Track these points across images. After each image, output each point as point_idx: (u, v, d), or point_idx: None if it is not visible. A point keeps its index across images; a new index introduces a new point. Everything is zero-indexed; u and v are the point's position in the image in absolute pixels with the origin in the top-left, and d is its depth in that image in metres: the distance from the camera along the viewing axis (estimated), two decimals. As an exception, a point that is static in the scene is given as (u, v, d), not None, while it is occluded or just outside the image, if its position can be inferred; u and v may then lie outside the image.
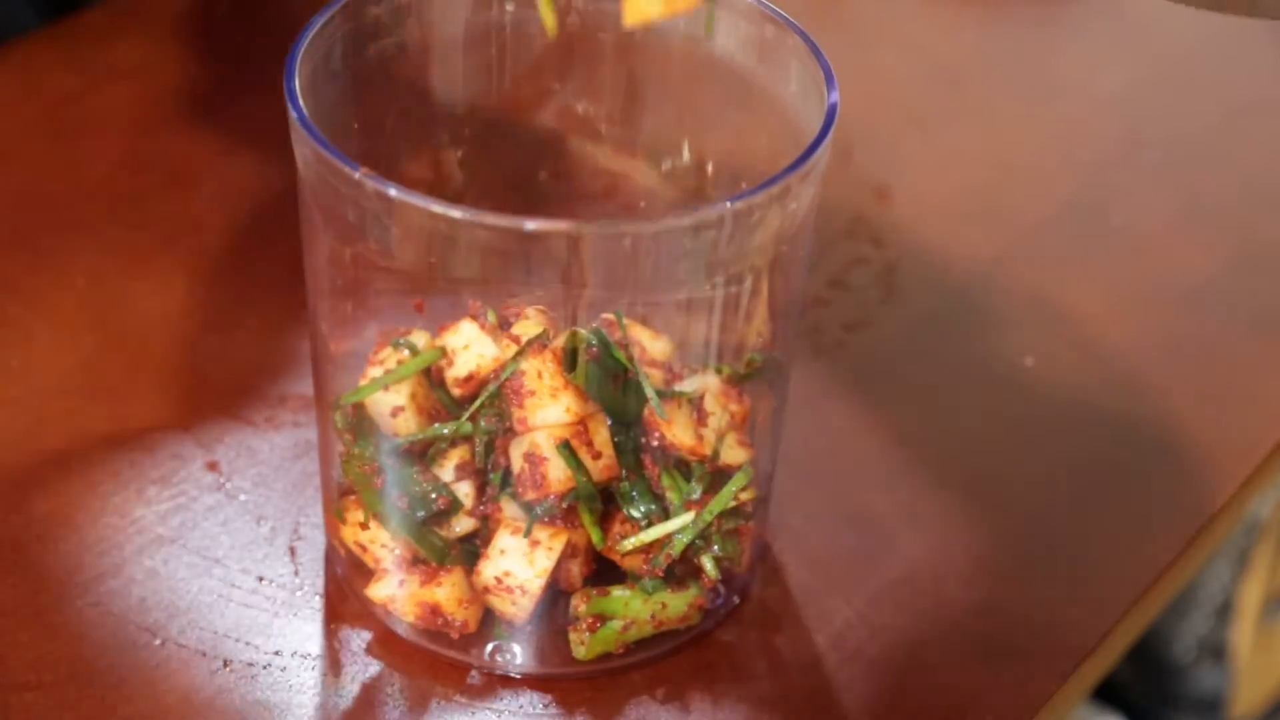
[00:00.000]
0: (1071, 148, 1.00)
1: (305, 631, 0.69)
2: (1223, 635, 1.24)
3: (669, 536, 0.66)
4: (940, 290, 0.89)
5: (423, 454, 0.67)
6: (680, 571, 0.68)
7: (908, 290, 0.89)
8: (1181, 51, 1.10)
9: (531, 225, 0.59)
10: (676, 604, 0.68)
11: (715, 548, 0.68)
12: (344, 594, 0.71)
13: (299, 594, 0.71)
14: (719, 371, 0.69)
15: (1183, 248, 0.93)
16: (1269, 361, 0.87)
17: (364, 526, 0.68)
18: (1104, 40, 1.10)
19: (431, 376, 0.68)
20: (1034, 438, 0.81)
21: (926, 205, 0.95)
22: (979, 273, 0.90)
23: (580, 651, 0.67)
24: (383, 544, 0.68)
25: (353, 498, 0.69)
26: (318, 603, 0.71)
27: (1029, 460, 0.80)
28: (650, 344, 0.70)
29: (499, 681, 0.68)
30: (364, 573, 0.69)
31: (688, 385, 0.69)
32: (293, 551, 0.72)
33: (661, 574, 0.67)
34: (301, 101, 0.62)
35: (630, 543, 0.66)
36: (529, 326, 0.68)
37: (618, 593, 0.67)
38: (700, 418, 0.67)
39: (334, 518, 0.70)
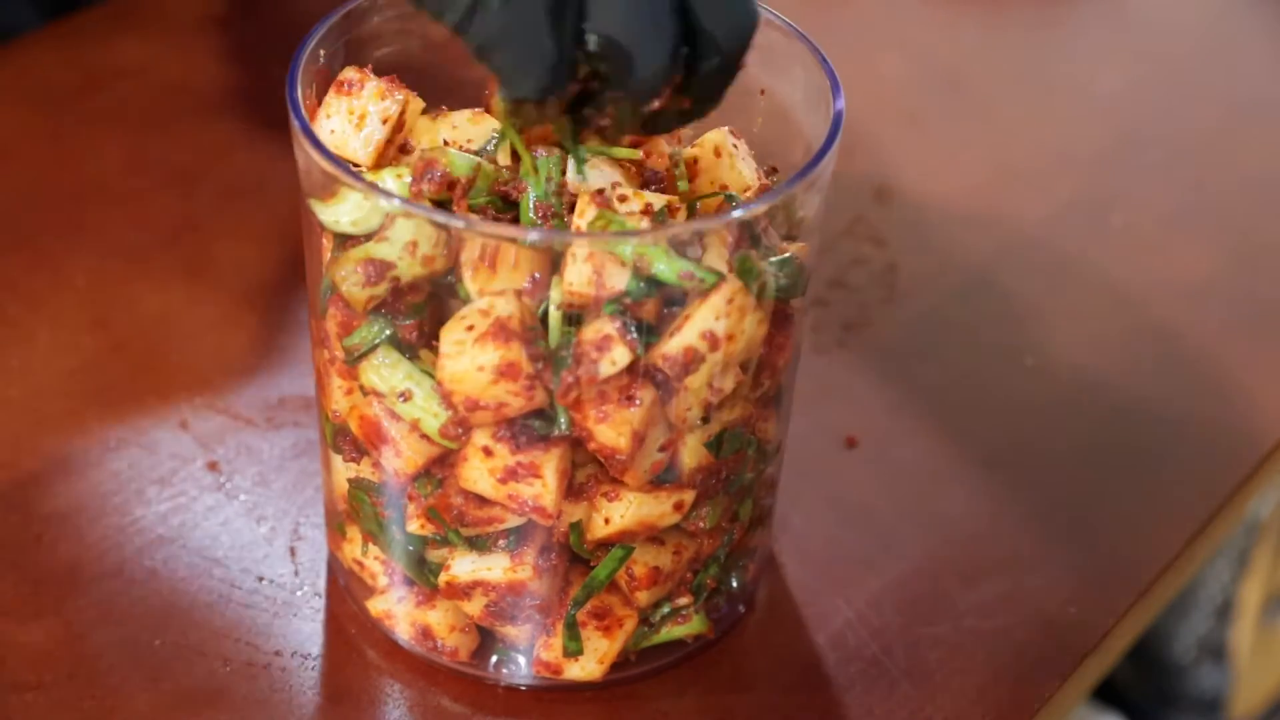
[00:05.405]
0: (1071, 148, 1.00)
1: (305, 631, 0.69)
2: (1223, 635, 1.24)
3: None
4: (940, 290, 0.89)
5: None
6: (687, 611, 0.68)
7: (908, 290, 0.89)
8: (1181, 51, 1.10)
9: (533, 235, 0.59)
10: (679, 631, 0.68)
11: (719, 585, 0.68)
12: (344, 597, 0.71)
13: (299, 594, 0.71)
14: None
15: (1183, 247, 0.93)
16: (1269, 361, 0.87)
17: (367, 540, 0.67)
18: (1104, 40, 1.10)
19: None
20: (1033, 438, 0.81)
21: (926, 205, 0.95)
22: (979, 272, 0.90)
23: (577, 671, 0.66)
24: (381, 561, 0.67)
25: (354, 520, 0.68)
26: (318, 603, 0.71)
27: (1028, 460, 0.80)
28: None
29: (503, 692, 0.68)
30: (365, 584, 0.69)
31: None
32: (293, 551, 0.72)
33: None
34: (304, 111, 0.62)
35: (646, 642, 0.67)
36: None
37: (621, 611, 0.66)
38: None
39: (335, 531, 0.70)
